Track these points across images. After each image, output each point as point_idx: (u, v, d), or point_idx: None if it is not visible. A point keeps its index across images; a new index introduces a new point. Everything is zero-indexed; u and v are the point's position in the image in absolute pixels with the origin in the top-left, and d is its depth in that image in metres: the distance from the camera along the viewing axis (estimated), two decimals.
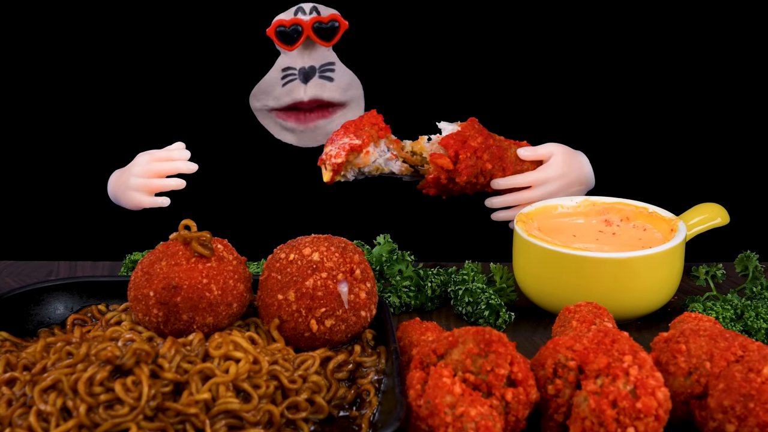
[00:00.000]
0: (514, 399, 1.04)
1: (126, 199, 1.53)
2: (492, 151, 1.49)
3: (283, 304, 1.15)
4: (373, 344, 1.19)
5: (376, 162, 1.47)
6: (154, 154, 1.52)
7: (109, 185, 1.58)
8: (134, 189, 1.51)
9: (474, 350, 1.04)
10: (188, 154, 1.51)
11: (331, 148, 1.46)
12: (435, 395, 1.01)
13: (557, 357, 1.06)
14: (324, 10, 1.57)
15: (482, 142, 1.48)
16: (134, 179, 1.51)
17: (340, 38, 1.59)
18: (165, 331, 1.14)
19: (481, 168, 1.48)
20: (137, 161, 1.53)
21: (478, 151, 1.47)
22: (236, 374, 1.06)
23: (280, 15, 1.58)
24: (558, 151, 1.52)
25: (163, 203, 1.51)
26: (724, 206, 1.48)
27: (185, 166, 1.50)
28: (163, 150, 1.52)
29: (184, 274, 1.14)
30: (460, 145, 1.46)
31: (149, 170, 1.50)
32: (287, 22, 1.54)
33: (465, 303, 1.38)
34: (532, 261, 1.36)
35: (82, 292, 1.27)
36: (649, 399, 1.00)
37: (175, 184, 1.50)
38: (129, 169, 1.54)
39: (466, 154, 1.46)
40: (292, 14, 1.57)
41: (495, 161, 1.49)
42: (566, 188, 1.52)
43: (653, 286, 1.34)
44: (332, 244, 1.18)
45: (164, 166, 1.50)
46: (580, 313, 1.21)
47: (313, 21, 1.55)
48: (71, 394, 1.02)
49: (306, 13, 1.56)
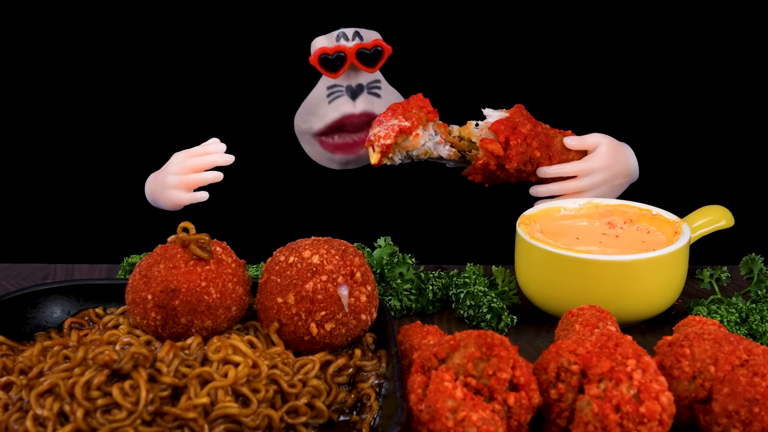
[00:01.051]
0: (516, 403, 1.04)
1: (164, 198, 1.52)
2: (540, 139, 1.49)
3: (283, 308, 1.15)
4: (373, 348, 1.19)
5: (425, 145, 1.48)
6: (189, 151, 1.51)
7: (147, 187, 1.58)
8: (172, 187, 1.50)
9: (476, 354, 1.04)
10: (223, 147, 1.50)
11: (380, 129, 1.45)
12: (436, 399, 1.01)
13: (560, 361, 1.07)
14: (367, 35, 1.56)
15: (531, 129, 1.48)
16: (171, 177, 1.50)
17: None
18: (163, 335, 1.14)
19: (530, 155, 1.49)
20: (173, 160, 1.52)
21: (528, 138, 1.47)
22: (235, 378, 1.06)
23: (321, 41, 1.55)
24: (604, 141, 1.53)
25: (201, 198, 1.50)
26: (729, 208, 1.48)
27: (221, 159, 1.49)
28: (198, 146, 1.52)
29: (183, 277, 1.14)
30: (511, 131, 1.47)
31: (186, 166, 1.49)
32: (330, 49, 1.53)
33: (467, 306, 1.38)
34: (535, 264, 1.36)
35: (79, 295, 1.27)
36: (653, 403, 1.00)
37: (213, 177, 1.49)
38: (165, 169, 1.53)
39: (516, 140, 1.46)
40: (334, 41, 1.55)
41: (543, 149, 1.50)
42: (611, 179, 1.53)
43: (657, 289, 1.34)
44: (332, 246, 1.18)
45: (200, 160, 1.49)
46: (583, 316, 1.21)
47: (356, 48, 1.53)
48: (68, 399, 1.02)
49: (349, 39, 1.54)
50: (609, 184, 1.53)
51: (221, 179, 1.49)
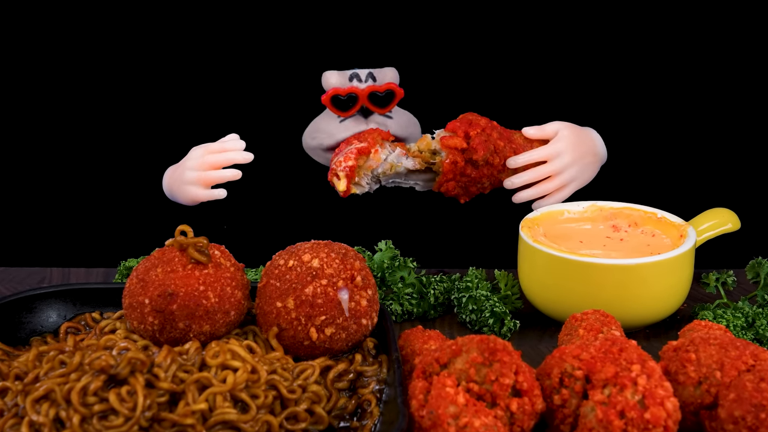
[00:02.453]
0: (519, 409, 1.04)
1: (182, 193, 1.52)
2: (499, 131, 1.51)
3: (282, 312, 1.15)
4: (374, 353, 1.19)
5: (388, 159, 1.49)
6: (207, 147, 1.51)
7: (165, 181, 1.58)
8: (190, 183, 1.50)
9: (478, 359, 1.04)
10: (243, 144, 1.50)
11: (339, 157, 1.47)
12: (438, 405, 1.01)
13: (563, 366, 1.07)
14: (381, 76, 1.56)
15: (487, 123, 1.50)
16: (189, 173, 1.50)
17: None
18: (161, 340, 1.14)
19: (494, 145, 1.50)
20: (191, 155, 1.52)
21: (487, 129, 1.49)
22: (234, 384, 1.06)
23: (334, 78, 1.55)
24: (564, 125, 1.55)
25: (219, 195, 1.50)
26: (735, 211, 1.48)
27: (240, 156, 1.49)
28: (217, 142, 1.52)
29: (181, 281, 1.14)
30: (467, 125, 1.49)
31: (204, 163, 1.49)
32: (343, 91, 1.53)
33: (469, 311, 1.38)
34: (538, 267, 1.37)
35: (75, 300, 1.27)
36: (658, 409, 1.00)
37: (231, 174, 1.49)
38: (183, 164, 1.53)
39: (476, 130, 1.48)
40: (347, 81, 1.55)
41: (505, 140, 1.51)
42: (580, 159, 1.53)
43: (662, 293, 1.34)
44: (332, 250, 1.18)
45: (219, 157, 1.49)
46: (587, 321, 1.21)
47: (369, 90, 1.53)
48: (64, 405, 1.02)
49: (362, 81, 1.54)
50: (579, 164, 1.53)
51: (240, 177, 1.49)
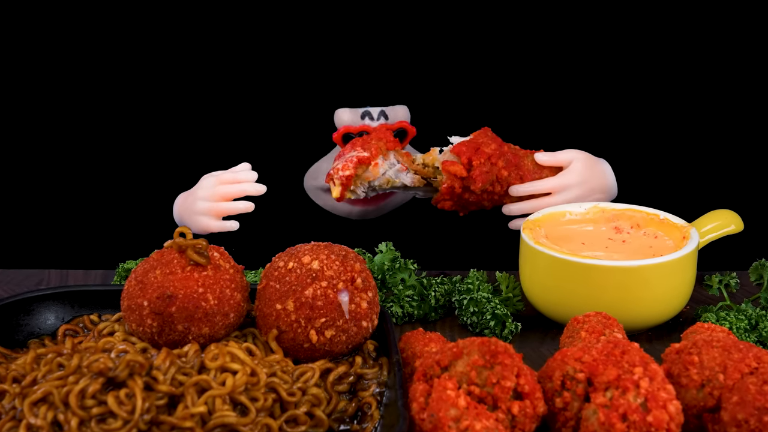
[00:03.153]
0: (520, 412, 1.04)
1: (193, 223, 1.52)
2: (507, 158, 1.48)
3: (282, 314, 1.15)
4: (374, 356, 1.19)
5: (386, 174, 1.48)
6: (219, 177, 1.51)
7: (175, 209, 1.57)
8: (201, 213, 1.50)
9: (479, 362, 1.04)
10: (255, 176, 1.50)
11: (338, 162, 1.47)
12: (439, 408, 1.01)
13: (565, 369, 1.07)
14: (392, 114, 1.56)
15: (496, 149, 1.47)
16: (201, 203, 1.50)
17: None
18: (159, 342, 1.14)
19: (497, 175, 1.48)
20: (202, 184, 1.52)
21: (492, 158, 1.47)
22: (233, 387, 1.06)
23: (345, 115, 1.55)
24: (579, 157, 1.52)
25: (231, 227, 1.50)
26: (738, 213, 1.48)
27: (253, 188, 1.49)
28: (228, 172, 1.52)
29: (180, 283, 1.14)
30: (473, 151, 1.47)
31: (216, 194, 1.49)
32: (354, 129, 1.53)
33: (470, 313, 1.38)
34: (540, 269, 1.37)
35: (73, 302, 1.27)
36: (661, 412, 1.00)
37: (244, 207, 1.49)
38: (194, 192, 1.53)
39: (479, 160, 1.46)
40: (359, 118, 1.55)
41: (511, 168, 1.49)
42: (587, 195, 1.51)
43: (665, 295, 1.34)
44: (332, 252, 1.18)
45: (231, 189, 1.49)
46: (589, 323, 1.21)
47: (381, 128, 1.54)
48: (62, 408, 1.02)
49: (374, 119, 1.55)
50: (585, 200, 1.51)
51: (252, 210, 1.49)
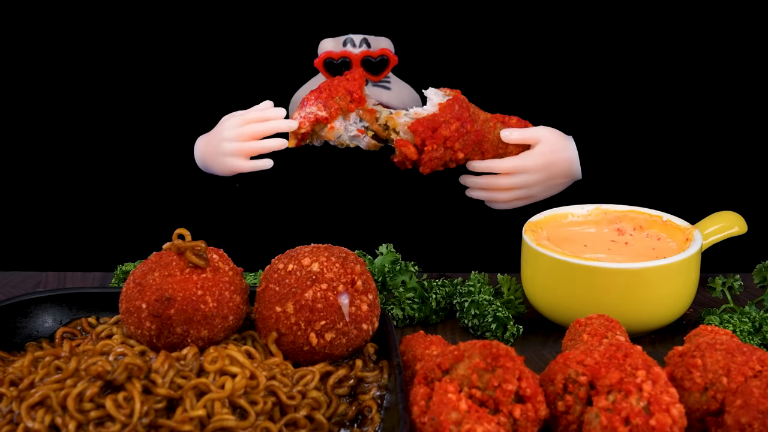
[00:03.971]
0: (522, 416, 1.04)
1: (219, 165, 1.49)
2: (466, 139, 1.48)
3: (282, 317, 1.15)
4: (375, 359, 1.19)
5: (341, 138, 1.49)
6: (245, 116, 1.47)
7: (197, 152, 1.52)
8: (230, 154, 1.47)
9: (480, 365, 1.04)
10: (283, 112, 1.48)
11: (297, 116, 1.47)
12: (440, 412, 1.01)
13: (567, 372, 1.07)
14: (375, 43, 1.55)
15: (456, 130, 1.47)
16: (227, 144, 1.47)
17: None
18: (158, 345, 1.14)
19: (451, 157, 1.48)
20: (226, 125, 1.48)
21: (449, 141, 1.47)
22: (232, 390, 1.06)
23: (328, 44, 1.55)
24: (547, 137, 1.51)
25: (266, 165, 1.47)
26: (742, 214, 1.48)
27: (285, 124, 1.46)
28: (254, 110, 1.49)
29: (178, 285, 1.14)
30: (430, 133, 1.46)
31: (244, 133, 1.46)
32: (336, 54, 1.52)
33: (471, 315, 1.38)
34: (542, 272, 1.37)
35: (71, 304, 1.27)
36: (664, 416, 1.00)
37: (277, 144, 1.46)
38: (219, 134, 1.49)
39: (432, 145, 1.46)
40: (341, 45, 1.55)
41: (469, 148, 1.49)
42: (548, 180, 1.51)
43: (667, 298, 1.34)
44: (332, 254, 1.18)
45: (261, 126, 1.46)
46: (592, 326, 1.21)
47: (362, 55, 1.53)
48: (60, 411, 1.02)
49: (356, 46, 1.54)
50: (546, 184, 1.52)
51: (285, 147, 1.47)
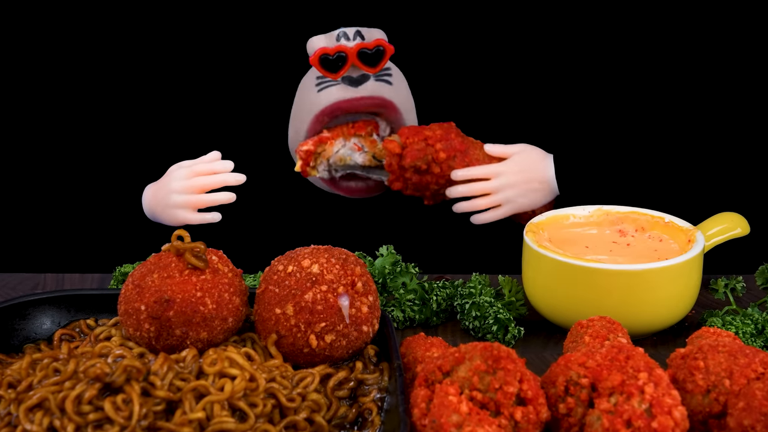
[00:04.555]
0: (523, 418, 1.04)
1: (168, 216, 1.50)
2: (451, 144, 1.54)
3: (281, 319, 1.15)
4: (375, 361, 1.19)
5: (339, 152, 1.55)
6: (193, 168, 1.48)
7: (145, 202, 1.53)
8: (178, 206, 1.48)
9: (481, 367, 1.04)
10: (231, 165, 1.48)
11: (304, 140, 1.56)
12: (440, 414, 1.01)
13: (569, 374, 1.07)
14: (369, 35, 1.55)
15: (440, 135, 1.54)
16: (176, 196, 1.47)
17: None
18: (157, 347, 1.14)
19: (434, 157, 1.54)
20: (174, 176, 1.49)
21: (430, 140, 1.54)
22: (232, 392, 1.06)
23: (320, 41, 1.55)
24: (525, 148, 1.55)
25: (214, 219, 1.48)
26: (745, 215, 1.48)
27: (232, 178, 1.47)
28: (201, 162, 1.49)
29: (177, 287, 1.14)
30: (415, 132, 1.55)
31: (192, 186, 1.47)
32: (331, 50, 1.52)
33: (472, 317, 1.38)
34: (543, 273, 1.37)
35: (69, 306, 1.27)
36: (666, 418, 1.00)
37: (226, 198, 1.47)
38: (167, 185, 1.49)
39: (414, 139, 1.54)
40: (334, 40, 1.55)
41: (452, 152, 1.54)
42: (526, 183, 1.53)
43: (670, 299, 1.34)
44: (332, 255, 1.18)
45: (209, 180, 1.47)
46: (593, 328, 1.21)
47: (357, 47, 1.53)
48: (58, 413, 1.02)
49: (350, 39, 1.54)
50: (523, 188, 1.53)
51: (234, 200, 1.48)
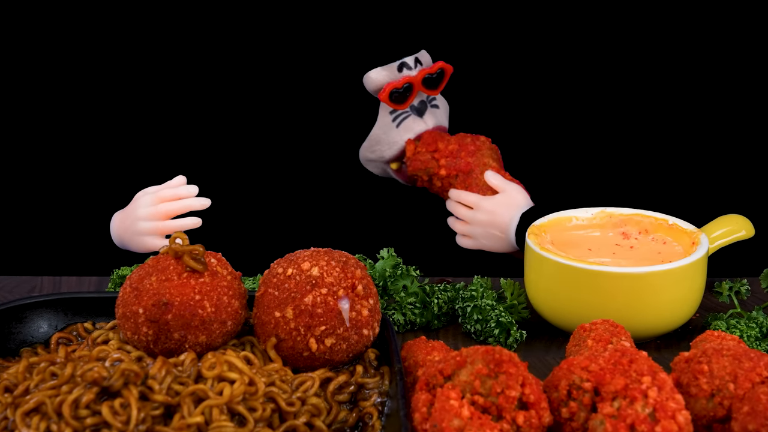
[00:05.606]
0: (525, 423, 1.04)
1: (135, 243, 1.51)
2: (456, 164, 1.56)
3: (281, 322, 1.15)
4: (376, 364, 1.19)
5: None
6: (158, 195, 1.49)
7: (113, 230, 1.55)
8: (145, 233, 1.49)
9: (483, 371, 1.04)
10: (196, 189, 1.50)
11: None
12: (442, 418, 1.01)
13: (572, 378, 1.07)
14: (424, 59, 1.58)
15: (451, 151, 1.56)
16: (143, 223, 1.49)
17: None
18: (155, 351, 1.15)
19: (435, 171, 1.56)
20: (140, 202, 1.50)
21: (437, 153, 1.56)
22: (231, 396, 1.06)
23: (381, 75, 1.55)
24: (511, 192, 1.54)
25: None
26: (749, 217, 1.48)
27: (197, 203, 1.48)
28: (167, 187, 1.50)
29: (176, 290, 1.14)
30: (429, 141, 1.57)
31: (158, 212, 1.48)
32: (398, 83, 1.54)
33: (474, 321, 1.38)
34: (545, 276, 1.37)
35: (67, 309, 1.27)
36: (669, 423, 1.00)
37: (191, 223, 1.48)
38: (134, 212, 1.50)
39: (423, 149, 1.56)
40: (396, 71, 1.56)
41: (453, 170, 1.56)
42: (488, 225, 1.54)
43: (673, 302, 1.34)
44: (333, 258, 1.18)
45: (173, 206, 1.48)
46: (596, 331, 1.21)
47: (421, 75, 1.56)
48: (56, 418, 1.02)
49: (412, 68, 1.56)
50: (487, 230, 1.54)
51: (200, 225, 1.49)
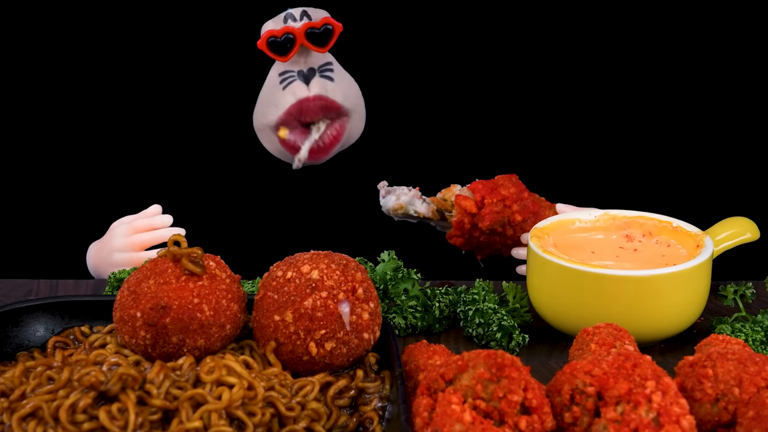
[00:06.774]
0: (528, 428, 1.04)
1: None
2: (525, 204, 1.52)
3: (280, 326, 1.15)
4: (376, 369, 1.19)
5: (400, 199, 1.53)
6: (133, 225, 1.52)
7: (89, 260, 1.59)
8: (120, 265, 1.52)
9: (485, 375, 1.04)
10: (170, 219, 1.53)
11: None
12: (443, 423, 1.01)
13: (575, 382, 1.07)
14: (315, 14, 1.58)
15: (514, 193, 1.51)
16: (117, 254, 1.52)
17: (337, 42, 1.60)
18: (153, 355, 1.15)
19: (510, 218, 1.51)
20: (115, 233, 1.53)
21: (508, 200, 1.51)
22: (230, 401, 1.06)
23: (268, 24, 1.58)
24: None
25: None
26: (754, 220, 1.48)
27: (170, 233, 1.51)
28: (141, 218, 1.53)
29: (174, 293, 1.14)
30: (489, 191, 1.51)
31: (132, 243, 1.51)
32: (278, 32, 1.55)
33: (475, 324, 1.38)
34: (548, 279, 1.37)
35: (63, 313, 1.28)
36: (674, 427, 1.00)
37: None
38: (109, 243, 1.54)
39: (492, 200, 1.50)
40: (281, 22, 1.57)
41: (527, 214, 1.52)
42: None
43: (678, 306, 1.34)
44: (333, 261, 1.18)
45: (148, 236, 1.51)
46: (599, 335, 1.21)
47: (305, 27, 1.55)
48: (52, 423, 1.02)
49: (296, 20, 1.56)
50: None
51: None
